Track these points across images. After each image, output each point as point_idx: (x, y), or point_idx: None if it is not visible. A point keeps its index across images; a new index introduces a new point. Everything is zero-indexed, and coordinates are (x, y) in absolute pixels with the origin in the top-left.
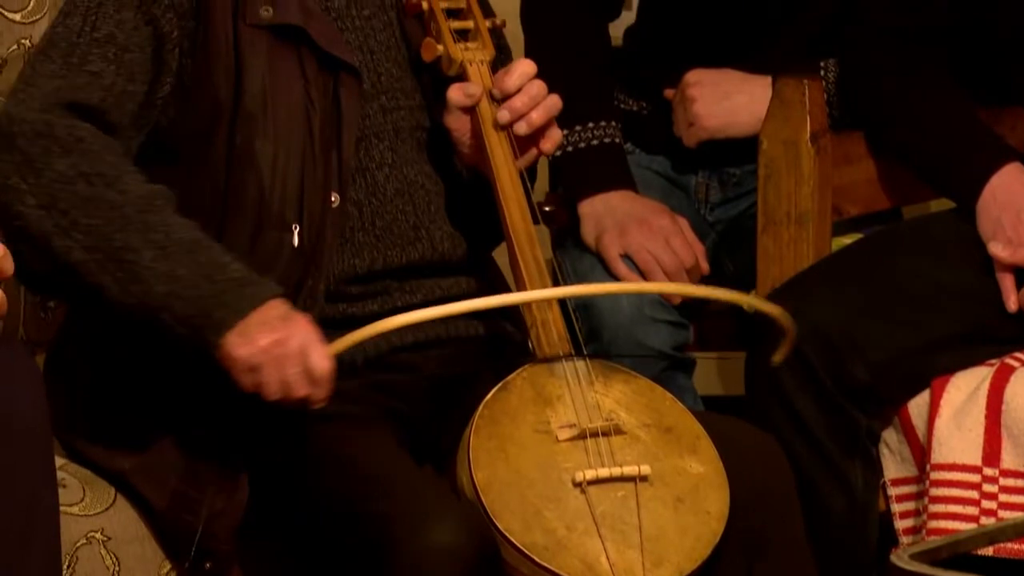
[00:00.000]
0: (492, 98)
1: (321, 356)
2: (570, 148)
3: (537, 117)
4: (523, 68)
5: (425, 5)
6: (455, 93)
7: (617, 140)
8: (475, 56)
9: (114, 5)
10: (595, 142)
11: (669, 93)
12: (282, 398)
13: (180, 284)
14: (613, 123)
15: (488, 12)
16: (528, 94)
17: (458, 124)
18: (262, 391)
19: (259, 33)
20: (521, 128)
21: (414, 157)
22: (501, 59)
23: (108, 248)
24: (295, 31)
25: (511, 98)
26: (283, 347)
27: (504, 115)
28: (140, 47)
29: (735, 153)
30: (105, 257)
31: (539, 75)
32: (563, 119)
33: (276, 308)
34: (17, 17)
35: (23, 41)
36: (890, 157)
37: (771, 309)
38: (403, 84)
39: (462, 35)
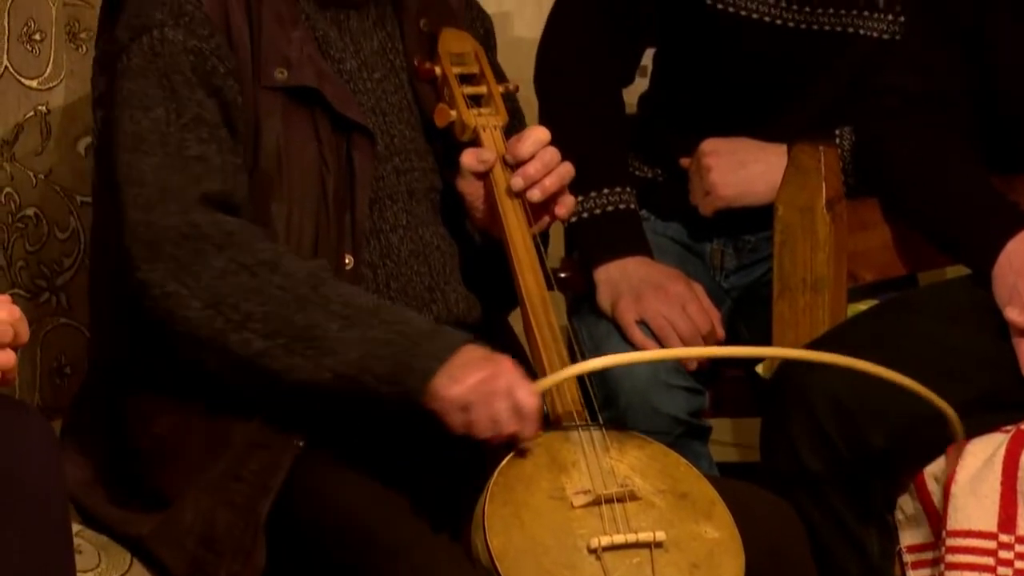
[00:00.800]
0: (505, 164)
1: (528, 392)
2: (585, 214)
3: (551, 184)
4: (536, 135)
5: (438, 71)
6: (468, 159)
7: (632, 206)
8: (488, 122)
9: (186, 88)
10: (610, 208)
11: (685, 162)
12: (492, 435)
13: (374, 345)
14: (628, 189)
15: (502, 77)
16: (541, 161)
17: (471, 189)
18: (473, 429)
19: (274, 95)
20: (534, 195)
21: (429, 219)
22: (515, 125)
23: (291, 330)
24: (309, 93)
25: (524, 165)
26: (491, 384)
27: (518, 182)
28: (221, 121)
29: (750, 220)
30: (290, 339)
31: (553, 141)
32: (578, 185)
33: (475, 350)
34: (34, 84)
35: (39, 107)
36: (905, 223)
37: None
38: (416, 146)
39: (475, 100)
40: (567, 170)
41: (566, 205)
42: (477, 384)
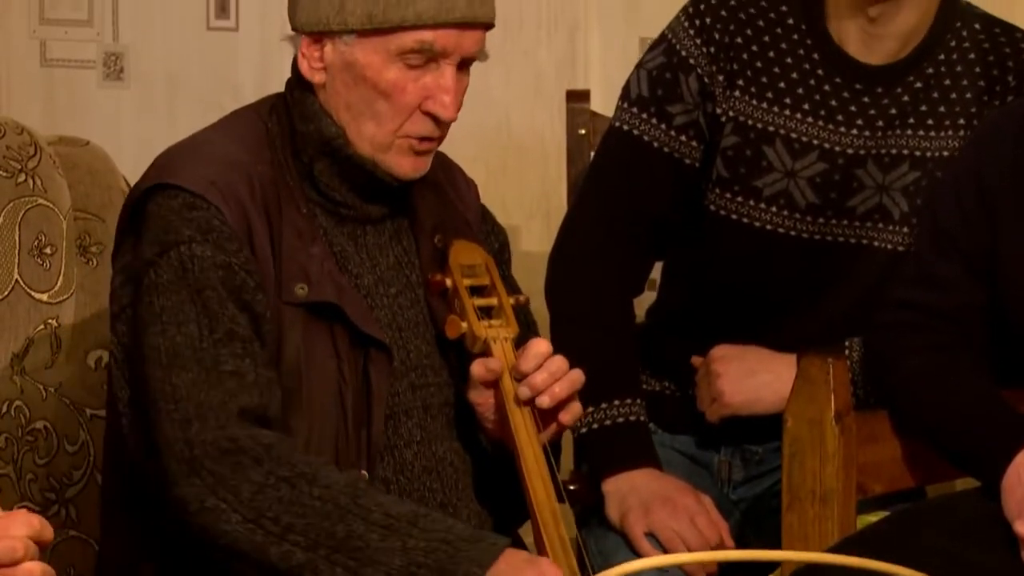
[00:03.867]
0: (515, 375)
1: None
2: (595, 425)
3: (560, 390)
4: (537, 349)
5: (449, 283)
6: (477, 369)
7: (642, 418)
8: (499, 333)
9: (217, 303)
10: (620, 419)
11: (697, 361)
12: None
13: (416, 553)
14: (638, 400)
15: (513, 289)
16: (548, 370)
17: (482, 399)
18: None
19: (294, 310)
20: (544, 401)
21: (443, 434)
22: (527, 336)
23: (332, 541)
24: (329, 308)
25: (532, 375)
26: None
27: (524, 391)
28: (253, 335)
29: (757, 431)
30: (331, 550)
31: (563, 352)
32: (587, 397)
33: (517, 555)
34: (44, 297)
35: (50, 321)
36: (914, 436)
37: None
38: (432, 361)
39: (486, 312)
40: (577, 376)
41: (571, 412)
42: None
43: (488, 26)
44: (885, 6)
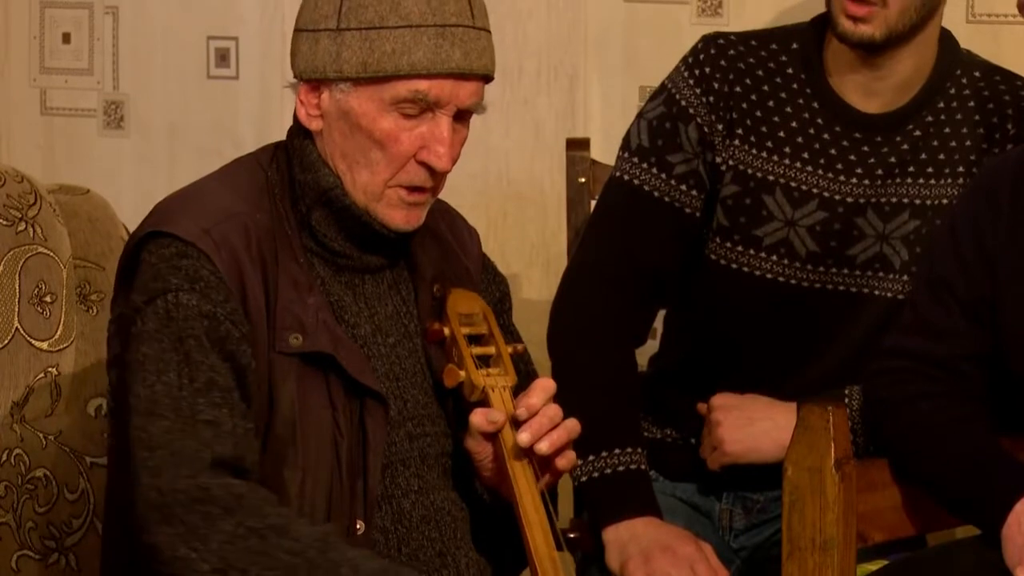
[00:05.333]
0: (514, 424)
1: None
2: (596, 474)
3: (558, 437)
4: (543, 384)
5: (447, 331)
6: (478, 419)
7: (643, 466)
8: (497, 382)
9: (199, 352)
10: (620, 468)
11: (702, 408)
12: None
13: None
14: (639, 450)
15: (514, 338)
16: (546, 415)
17: (480, 448)
18: None
19: (288, 360)
20: (543, 447)
21: (440, 483)
22: (528, 384)
23: None
24: (324, 358)
25: (530, 420)
26: None
27: (524, 437)
28: (235, 385)
29: (759, 479)
30: None
31: (565, 401)
32: (588, 445)
33: None
34: (44, 345)
35: (50, 369)
36: (913, 485)
37: None
38: (429, 411)
39: (484, 361)
40: (574, 425)
41: (567, 458)
42: None
43: (487, 78)
44: (883, 55)
